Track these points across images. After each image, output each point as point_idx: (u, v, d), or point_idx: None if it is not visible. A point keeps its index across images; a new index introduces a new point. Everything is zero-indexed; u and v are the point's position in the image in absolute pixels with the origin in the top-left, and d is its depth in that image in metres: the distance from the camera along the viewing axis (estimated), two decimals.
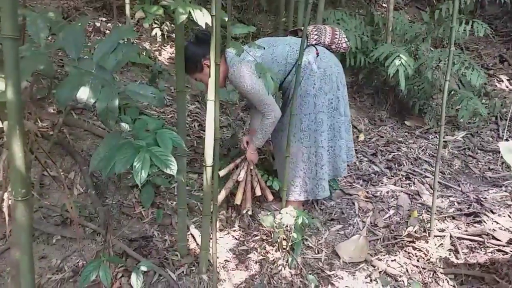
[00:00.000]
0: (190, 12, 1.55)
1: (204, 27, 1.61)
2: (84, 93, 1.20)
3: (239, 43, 1.84)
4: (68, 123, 2.67)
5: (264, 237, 2.42)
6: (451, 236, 2.55)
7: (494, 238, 2.53)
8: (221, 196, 2.45)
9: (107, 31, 3.80)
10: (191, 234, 2.35)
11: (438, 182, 3.13)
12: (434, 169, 2.63)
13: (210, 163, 1.79)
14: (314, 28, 2.55)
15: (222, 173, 2.49)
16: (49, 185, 2.35)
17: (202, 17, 1.57)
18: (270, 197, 2.56)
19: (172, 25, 4.02)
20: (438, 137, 2.45)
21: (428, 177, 3.30)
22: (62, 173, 2.38)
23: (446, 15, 4.14)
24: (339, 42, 2.57)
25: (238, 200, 2.49)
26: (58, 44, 1.35)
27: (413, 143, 3.89)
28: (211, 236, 1.95)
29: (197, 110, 3.57)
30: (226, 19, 1.96)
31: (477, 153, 3.81)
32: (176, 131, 1.61)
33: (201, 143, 3.11)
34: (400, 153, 3.67)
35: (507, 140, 4.02)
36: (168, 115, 3.30)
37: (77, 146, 2.58)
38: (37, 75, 1.87)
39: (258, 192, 2.52)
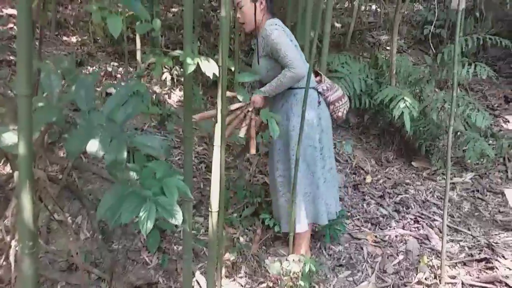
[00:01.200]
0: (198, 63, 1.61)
1: (211, 77, 1.66)
2: (93, 146, 1.23)
3: (245, 90, 1.89)
4: (77, 167, 2.71)
5: (271, 284, 2.38)
6: (463, 283, 2.48)
7: (507, 285, 2.46)
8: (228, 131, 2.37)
9: (118, 75, 3.92)
10: (196, 280, 2.32)
11: (448, 225, 3.08)
12: (442, 212, 2.59)
13: (215, 209, 1.79)
14: (330, 81, 2.61)
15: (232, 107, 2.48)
16: (56, 229, 2.36)
17: (210, 68, 1.63)
18: (253, 150, 2.42)
19: (181, 69, 4.13)
20: (445, 179, 2.43)
21: (437, 220, 3.25)
22: (69, 218, 2.39)
23: (448, 58, 4.21)
24: (338, 108, 2.58)
25: (242, 133, 2.38)
26: (70, 96, 1.40)
27: (421, 185, 3.86)
28: (216, 284, 1.93)
29: (205, 152, 3.60)
30: (233, 68, 2.03)
31: (486, 195, 3.76)
32: (183, 175, 1.63)
33: (207, 185, 3.12)
34: (407, 195, 3.64)
35: None
36: (176, 157, 3.33)
37: (85, 190, 2.61)
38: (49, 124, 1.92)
39: (242, 134, 2.38)
